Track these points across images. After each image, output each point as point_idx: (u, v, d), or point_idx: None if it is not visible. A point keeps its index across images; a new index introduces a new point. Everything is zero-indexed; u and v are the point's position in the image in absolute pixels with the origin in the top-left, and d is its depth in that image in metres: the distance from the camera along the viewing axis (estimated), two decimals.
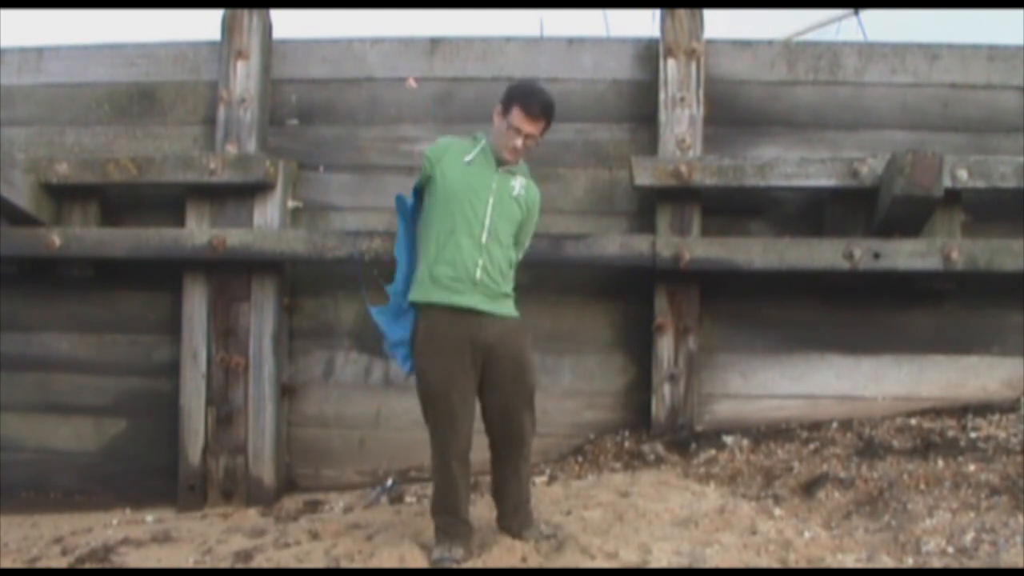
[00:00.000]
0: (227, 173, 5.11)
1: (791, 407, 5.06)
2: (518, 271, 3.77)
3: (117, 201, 5.40)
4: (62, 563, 4.14)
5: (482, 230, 3.54)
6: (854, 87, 5.17)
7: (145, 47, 5.54)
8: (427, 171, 3.67)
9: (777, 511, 3.92)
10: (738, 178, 4.88)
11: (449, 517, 3.63)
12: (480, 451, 3.74)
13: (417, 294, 3.62)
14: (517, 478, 3.71)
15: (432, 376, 3.57)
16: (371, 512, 4.62)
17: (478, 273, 3.53)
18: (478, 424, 3.68)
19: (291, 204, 5.33)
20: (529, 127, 3.55)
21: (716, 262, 4.88)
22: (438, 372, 3.56)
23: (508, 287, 3.65)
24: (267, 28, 5.38)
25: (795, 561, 3.30)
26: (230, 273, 5.20)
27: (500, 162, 3.63)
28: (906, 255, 4.75)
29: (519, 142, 3.56)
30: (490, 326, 3.55)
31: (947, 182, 4.57)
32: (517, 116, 3.53)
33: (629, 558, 3.39)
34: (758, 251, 4.86)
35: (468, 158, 3.63)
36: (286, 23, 5.70)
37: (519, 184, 3.68)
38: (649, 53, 5.24)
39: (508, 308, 3.63)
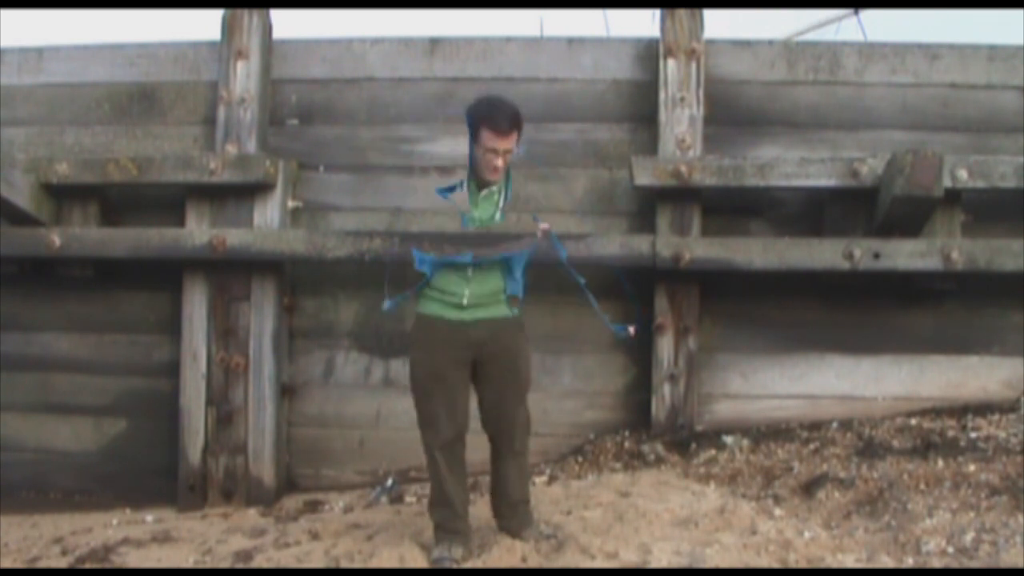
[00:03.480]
0: (227, 173, 5.11)
1: (791, 407, 5.06)
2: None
3: (117, 201, 5.40)
4: (62, 563, 4.14)
5: (467, 266, 3.60)
6: (854, 87, 5.17)
7: (145, 47, 5.54)
8: None
9: (777, 511, 3.92)
10: (738, 178, 4.88)
11: (444, 511, 3.64)
12: (481, 451, 3.74)
13: (417, 306, 3.70)
14: (511, 475, 3.71)
15: (418, 368, 3.65)
16: (371, 512, 4.63)
17: (465, 301, 3.61)
18: (476, 424, 3.69)
19: (291, 204, 5.33)
20: (502, 144, 3.54)
21: (716, 262, 4.88)
22: (425, 363, 3.62)
23: (505, 295, 3.66)
24: (267, 28, 5.38)
25: (795, 561, 3.30)
26: (230, 273, 5.20)
27: (481, 185, 3.66)
28: (906, 255, 4.75)
29: (498, 161, 3.57)
30: (482, 325, 3.60)
31: (947, 182, 4.57)
32: (488, 137, 3.52)
33: (629, 558, 3.39)
34: (758, 251, 4.86)
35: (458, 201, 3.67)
36: (286, 23, 5.71)
37: (501, 200, 3.71)
38: (649, 53, 5.23)
39: (502, 310, 3.65)
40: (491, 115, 3.54)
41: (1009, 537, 3.27)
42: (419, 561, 3.56)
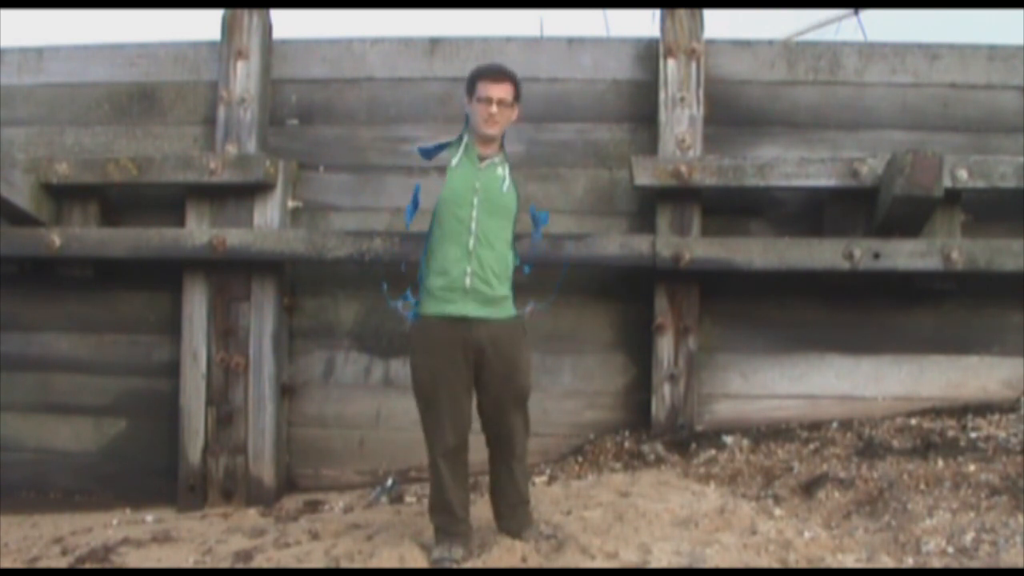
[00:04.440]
0: (227, 173, 5.11)
1: (791, 407, 5.06)
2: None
3: (117, 201, 5.40)
4: (62, 563, 4.14)
5: (469, 236, 3.54)
6: (854, 87, 5.17)
7: (145, 47, 5.54)
8: None
9: (777, 511, 3.92)
10: (738, 178, 4.88)
11: (444, 516, 3.63)
12: (481, 451, 3.74)
13: (418, 307, 3.65)
14: (511, 478, 3.71)
15: (422, 373, 3.61)
16: (371, 512, 4.62)
17: (467, 280, 3.53)
18: (477, 424, 3.69)
19: (291, 204, 5.33)
20: (497, 92, 3.56)
21: (716, 262, 4.88)
22: (428, 369, 3.59)
23: (505, 289, 3.62)
24: (267, 28, 5.38)
25: (795, 561, 3.30)
26: (230, 273, 5.20)
27: (483, 157, 3.62)
28: (906, 255, 4.75)
29: (492, 109, 3.56)
30: (482, 328, 3.55)
31: (947, 182, 4.57)
32: (482, 87, 3.56)
33: (629, 558, 3.39)
34: (758, 251, 4.86)
35: (454, 162, 3.63)
36: (286, 23, 5.71)
37: (506, 173, 3.65)
38: (649, 53, 5.24)
39: (504, 311, 3.60)
40: (487, 67, 3.65)
41: (1009, 537, 3.27)
42: (419, 561, 3.56)
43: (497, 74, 3.58)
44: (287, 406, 5.31)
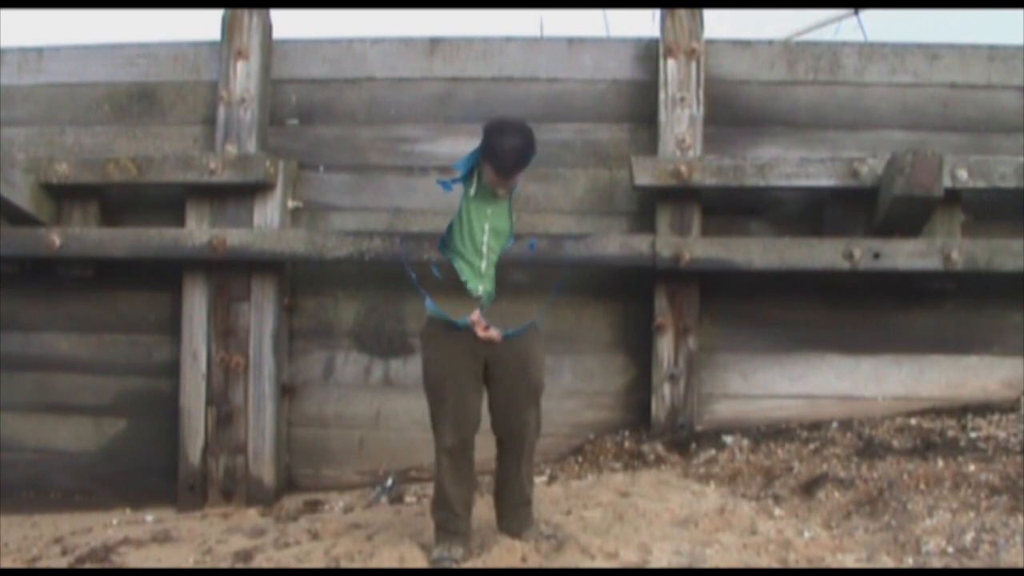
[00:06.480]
0: (227, 173, 5.11)
1: (791, 407, 5.06)
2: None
3: (117, 201, 5.40)
4: (62, 563, 4.15)
5: (481, 260, 3.62)
6: (854, 87, 5.17)
7: (145, 47, 5.55)
8: None
9: (777, 511, 3.92)
10: (738, 178, 4.88)
11: (445, 513, 3.64)
12: (481, 450, 3.73)
13: (431, 308, 3.68)
14: (517, 477, 3.71)
15: (432, 368, 3.64)
16: (371, 512, 4.63)
17: (479, 294, 3.62)
18: (485, 424, 3.68)
19: (291, 204, 5.33)
20: (505, 183, 3.55)
21: (716, 262, 4.88)
22: (438, 364, 3.62)
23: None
24: (267, 28, 5.38)
25: (795, 561, 3.30)
26: (230, 273, 5.20)
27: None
28: (906, 255, 4.75)
29: (501, 192, 3.61)
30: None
31: (947, 182, 4.57)
32: (491, 173, 3.53)
33: (629, 558, 3.39)
34: (758, 251, 4.87)
35: (468, 183, 3.65)
36: (286, 23, 5.70)
37: (511, 195, 3.70)
38: (649, 53, 5.24)
39: None
40: (500, 158, 3.47)
41: (1009, 537, 3.27)
42: (419, 561, 3.56)
43: (507, 176, 3.51)
44: (287, 406, 5.32)
